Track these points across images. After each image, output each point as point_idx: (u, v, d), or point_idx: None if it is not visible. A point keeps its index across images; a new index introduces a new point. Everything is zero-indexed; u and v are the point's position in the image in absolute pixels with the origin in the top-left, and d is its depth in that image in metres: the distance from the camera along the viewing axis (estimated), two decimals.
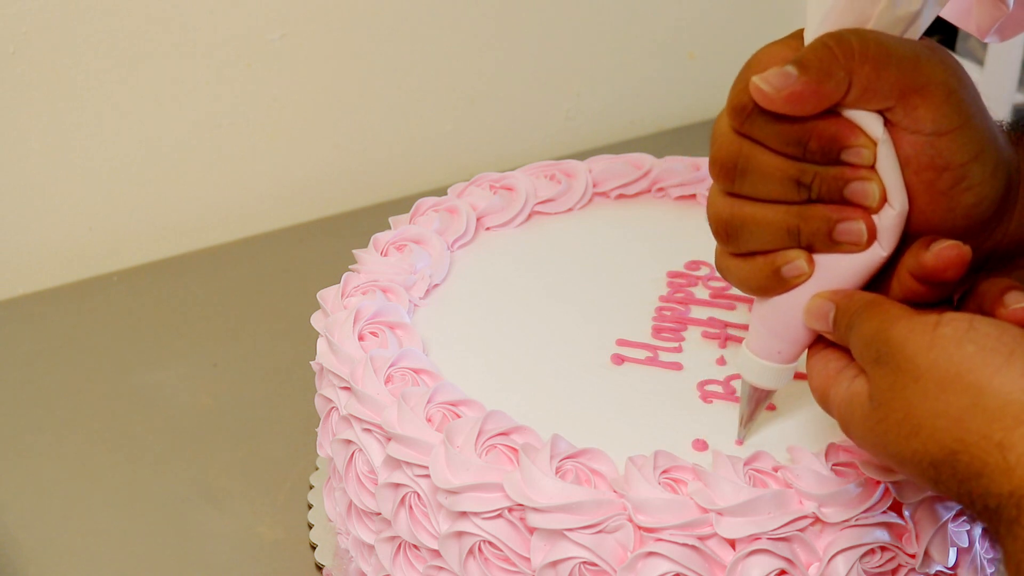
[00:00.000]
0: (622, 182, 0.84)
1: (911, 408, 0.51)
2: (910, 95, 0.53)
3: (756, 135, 0.54)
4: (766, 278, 0.57)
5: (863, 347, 0.54)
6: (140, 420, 0.87)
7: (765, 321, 0.59)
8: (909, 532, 0.62)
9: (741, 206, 0.56)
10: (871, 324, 0.53)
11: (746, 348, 0.61)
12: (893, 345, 0.52)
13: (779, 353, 0.60)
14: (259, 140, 1.07)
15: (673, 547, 0.59)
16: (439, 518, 0.63)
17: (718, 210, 0.57)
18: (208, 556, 0.77)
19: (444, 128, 1.14)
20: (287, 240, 1.07)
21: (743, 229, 0.56)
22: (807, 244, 0.56)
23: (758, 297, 0.59)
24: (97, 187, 1.02)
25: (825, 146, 0.54)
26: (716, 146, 0.56)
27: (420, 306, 0.74)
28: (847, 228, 0.55)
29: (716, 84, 1.26)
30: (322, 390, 0.71)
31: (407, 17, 1.08)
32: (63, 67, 0.97)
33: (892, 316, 0.53)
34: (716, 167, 0.56)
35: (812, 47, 0.53)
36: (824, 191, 0.55)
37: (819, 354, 0.57)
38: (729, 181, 0.56)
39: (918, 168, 0.54)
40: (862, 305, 0.55)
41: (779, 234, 0.56)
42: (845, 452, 0.62)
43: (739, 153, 0.55)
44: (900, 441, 0.51)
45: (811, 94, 0.53)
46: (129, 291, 1.00)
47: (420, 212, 0.80)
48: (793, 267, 0.56)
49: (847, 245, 0.55)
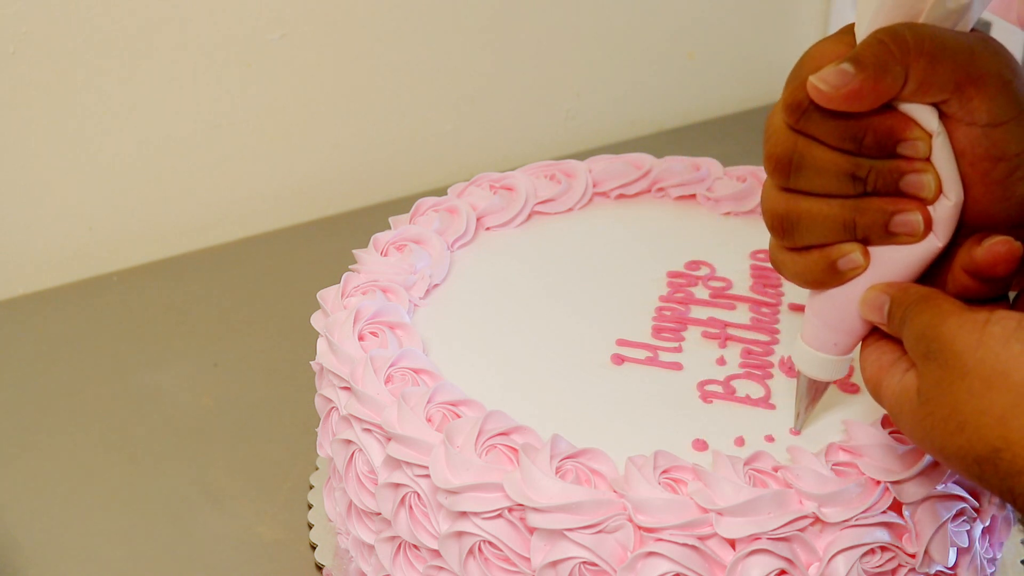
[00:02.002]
0: (622, 182, 0.84)
1: (957, 405, 0.51)
2: (965, 87, 0.53)
3: (811, 131, 0.55)
4: (822, 272, 0.58)
5: (915, 341, 0.54)
6: (140, 420, 0.87)
7: (821, 314, 0.60)
8: (909, 532, 0.62)
9: (796, 201, 0.56)
10: (923, 318, 0.54)
11: (801, 340, 0.62)
12: (942, 341, 0.52)
13: (835, 345, 0.60)
14: (259, 140, 1.07)
15: (673, 547, 0.59)
16: (439, 518, 0.63)
17: (773, 205, 0.57)
18: (208, 556, 0.77)
19: (444, 128, 1.14)
20: (287, 240, 1.07)
21: (799, 224, 0.57)
22: (863, 237, 0.56)
23: (814, 290, 0.59)
24: (97, 187, 1.02)
25: (881, 140, 0.54)
26: (771, 142, 0.56)
27: (420, 306, 0.74)
28: (903, 220, 0.55)
29: (716, 84, 1.27)
30: (322, 390, 0.71)
31: (407, 17, 1.08)
32: (63, 67, 0.97)
33: (944, 312, 0.53)
34: (771, 163, 0.56)
35: (867, 43, 0.54)
36: (879, 184, 0.55)
37: (873, 345, 0.58)
38: (784, 177, 0.56)
39: (973, 159, 0.54)
40: (916, 299, 0.55)
41: (835, 228, 0.56)
42: (845, 452, 0.63)
43: (794, 149, 0.55)
44: (946, 437, 0.52)
45: (868, 91, 0.53)
46: (129, 291, 1.00)
47: (420, 212, 0.80)
48: (848, 260, 0.57)
49: (903, 237, 0.56)
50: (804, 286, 0.59)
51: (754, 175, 0.85)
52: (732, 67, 1.27)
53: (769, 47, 1.28)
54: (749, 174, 0.85)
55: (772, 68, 1.29)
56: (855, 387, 0.68)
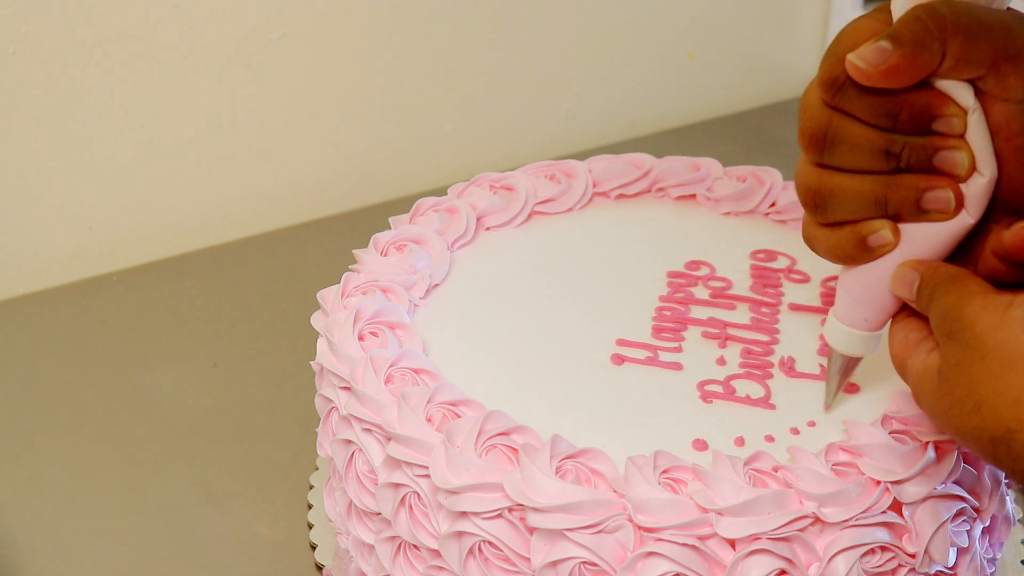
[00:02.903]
0: (622, 182, 0.84)
1: (975, 385, 0.52)
2: (1002, 64, 0.54)
3: (847, 107, 0.55)
4: (852, 247, 0.58)
5: (940, 320, 0.55)
6: (140, 420, 0.87)
7: (852, 290, 0.60)
8: (909, 532, 0.62)
9: (830, 176, 0.57)
10: (949, 298, 0.54)
11: (833, 317, 0.62)
12: (965, 322, 0.53)
13: (866, 321, 0.61)
14: (259, 140, 1.07)
15: (673, 547, 0.59)
16: (439, 518, 0.63)
17: (807, 180, 0.58)
18: (208, 556, 0.77)
19: (444, 128, 1.14)
20: (287, 240, 1.07)
21: (831, 199, 0.57)
22: (894, 214, 0.57)
23: (846, 266, 0.60)
24: (97, 187, 1.02)
25: (916, 116, 0.55)
26: (806, 118, 0.57)
27: (420, 306, 0.74)
28: (935, 196, 0.56)
29: (716, 84, 1.27)
30: (322, 390, 0.71)
31: (407, 17, 1.08)
32: (63, 67, 0.97)
33: (969, 293, 0.54)
34: (806, 138, 0.57)
35: (905, 20, 0.54)
36: (913, 160, 0.56)
37: (902, 323, 0.59)
38: (818, 152, 0.57)
39: (1008, 135, 0.55)
40: (944, 278, 0.56)
41: (866, 204, 0.57)
42: (845, 452, 0.63)
43: (829, 125, 0.56)
44: (963, 416, 0.53)
45: (906, 67, 0.54)
46: (129, 291, 1.00)
47: (420, 212, 0.80)
48: (878, 237, 0.58)
49: (934, 214, 0.56)
50: (836, 261, 0.60)
51: (754, 175, 0.85)
52: (732, 67, 1.27)
53: (769, 47, 1.28)
54: (749, 174, 0.85)
55: (772, 68, 1.29)
56: (855, 387, 0.68)
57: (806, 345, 0.72)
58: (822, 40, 1.30)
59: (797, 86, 1.31)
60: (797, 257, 0.79)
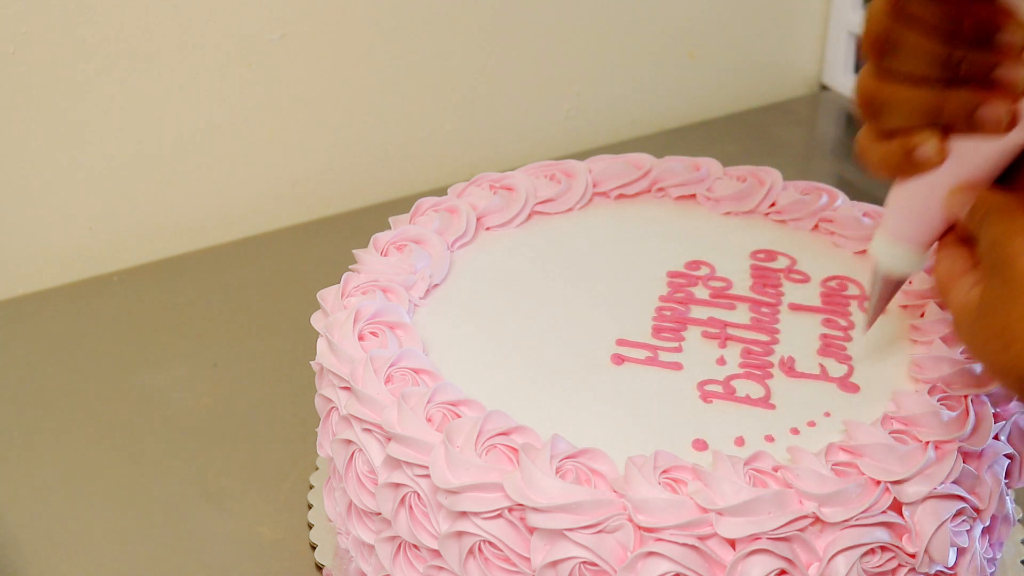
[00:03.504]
0: (622, 182, 0.84)
1: (1009, 322, 0.53)
2: None
3: (911, 13, 0.56)
4: (899, 160, 0.59)
5: (987, 248, 0.56)
6: (140, 420, 0.87)
7: (903, 204, 0.61)
8: (909, 532, 0.62)
9: (889, 82, 0.57)
10: (997, 228, 0.55)
11: (880, 232, 0.63)
12: (1007, 258, 0.54)
13: (913, 236, 0.62)
14: (259, 140, 1.07)
15: (673, 547, 0.59)
16: (439, 518, 0.63)
17: (866, 86, 0.58)
18: (208, 556, 0.77)
19: (444, 128, 1.14)
20: (287, 240, 1.07)
21: (886, 105, 0.58)
22: (947, 125, 0.57)
23: (897, 179, 0.60)
24: (97, 187, 1.02)
25: (979, 28, 0.55)
26: (870, 23, 0.57)
27: (420, 306, 0.74)
28: (988, 111, 0.56)
29: (716, 84, 1.27)
30: (322, 390, 0.71)
31: (407, 17, 1.08)
32: (63, 67, 0.97)
33: (1016, 228, 0.55)
34: (868, 42, 0.57)
35: None
36: (971, 73, 0.56)
37: (948, 249, 0.59)
38: (879, 56, 0.57)
39: None
40: (996, 205, 0.56)
41: (921, 112, 0.57)
42: (845, 452, 0.63)
43: (891, 29, 0.56)
44: (997, 352, 0.54)
45: None
46: (129, 291, 1.00)
47: (420, 212, 0.80)
48: (924, 150, 0.58)
49: (987, 128, 0.57)
50: (885, 174, 0.60)
51: (754, 175, 0.85)
52: (732, 67, 1.27)
53: (769, 47, 1.28)
54: (749, 174, 0.85)
55: (772, 68, 1.29)
56: (855, 387, 0.68)
57: (806, 345, 0.72)
58: (822, 40, 1.30)
59: (797, 86, 1.31)
60: (797, 257, 0.79)
